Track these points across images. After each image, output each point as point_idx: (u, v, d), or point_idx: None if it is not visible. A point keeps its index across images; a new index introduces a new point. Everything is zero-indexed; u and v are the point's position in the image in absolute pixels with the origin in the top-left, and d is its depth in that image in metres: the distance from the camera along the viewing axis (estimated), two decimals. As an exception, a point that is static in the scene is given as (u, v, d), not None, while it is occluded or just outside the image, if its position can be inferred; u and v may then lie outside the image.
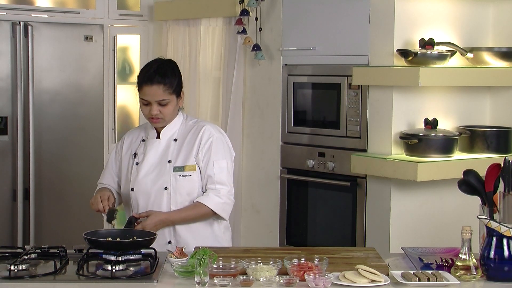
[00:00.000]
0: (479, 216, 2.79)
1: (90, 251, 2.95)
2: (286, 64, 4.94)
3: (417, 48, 4.21)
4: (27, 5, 5.55)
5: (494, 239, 2.70)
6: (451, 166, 4.13)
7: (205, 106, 5.53)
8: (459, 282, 2.67)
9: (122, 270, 2.77)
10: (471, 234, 2.72)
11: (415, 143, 4.17)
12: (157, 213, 3.27)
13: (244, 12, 5.03)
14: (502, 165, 2.87)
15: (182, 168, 3.33)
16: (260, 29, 5.02)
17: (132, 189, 3.37)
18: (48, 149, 5.40)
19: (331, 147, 4.65)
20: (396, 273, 2.70)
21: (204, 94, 5.53)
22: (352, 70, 4.35)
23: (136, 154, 3.41)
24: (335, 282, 2.63)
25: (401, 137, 4.24)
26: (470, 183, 2.96)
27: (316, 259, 2.77)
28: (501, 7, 4.59)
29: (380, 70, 4.24)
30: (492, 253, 2.70)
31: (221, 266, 2.72)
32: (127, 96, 5.87)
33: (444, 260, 2.89)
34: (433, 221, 4.35)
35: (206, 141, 3.35)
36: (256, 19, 5.03)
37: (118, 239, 2.98)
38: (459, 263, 2.73)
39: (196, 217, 3.33)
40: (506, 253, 2.69)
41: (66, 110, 5.48)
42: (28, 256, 2.90)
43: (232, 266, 2.72)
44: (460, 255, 2.74)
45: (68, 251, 3.02)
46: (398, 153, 4.27)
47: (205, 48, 5.51)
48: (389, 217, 4.27)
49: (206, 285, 2.61)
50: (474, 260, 2.73)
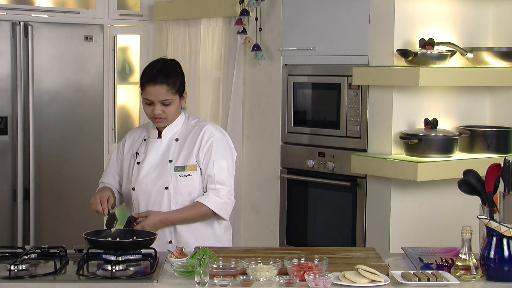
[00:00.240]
0: (479, 216, 2.78)
1: (90, 251, 2.95)
2: (286, 64, 4.94)
3: (417, 48, 4.21)
4: (27, 5, 5.55)
5: (494, 239, 2.70)
6: (451, 166, 4.13)
7: (205, 106, 5.53)
8: (459, 282, 2.67)
9: (122, 270, 2.77)
10: (471, 234, 2.72)
11: (415, 143, 4.16)
12: (156, 213, 3.27)
13: (244, 12, 5.03)
14: (502, 165, 2.87)
15: (183, 168, 3.33)
16: (260, 29, 5.02)
17: (133, 189, 3.37)
18: (48, 149, 5.40)
19: (331, 147, 4.65)
20: (396, 273, 2.70)
21: (204, 94, 5.53)
22: (352, 70, 4.35)
23: (138, 154, 3.41)
24: (335, 282, 2.63)
25: (401, 137, 4.24)
26: (470, 183, 2.96)
27: (316, 259, 2.76)
28: (501, 7, 4.59)
29: (380, 70, 4.24)
30: (492, 253, 2.70)
31: (221, 266, 2.72)
32: (127, 96, 5.88)
33: (444, 260, 2.89)
34: (433, 221, 4.35)
35: (207, 141, 3.34)
36: (256, 19, 5.03)
37: (118, 239, 2.99)
38: (459, 263, 2.73)
39: (196, 217, 3.32)
40: (506, 253, 2.69)
41: (66, 110, 5.47)
42: (28, 256, 2.90)
43: (232, 266, 2.72)
44: (460, 255, 2.74)
45: (68, 251, 3.02)
46: (398, 153, 4.27)
47: (205, 48, 5.51)
48: (389, 217, 4.27)
49: (206, 285, 2.61)
50: (474, 260, 2.73)
